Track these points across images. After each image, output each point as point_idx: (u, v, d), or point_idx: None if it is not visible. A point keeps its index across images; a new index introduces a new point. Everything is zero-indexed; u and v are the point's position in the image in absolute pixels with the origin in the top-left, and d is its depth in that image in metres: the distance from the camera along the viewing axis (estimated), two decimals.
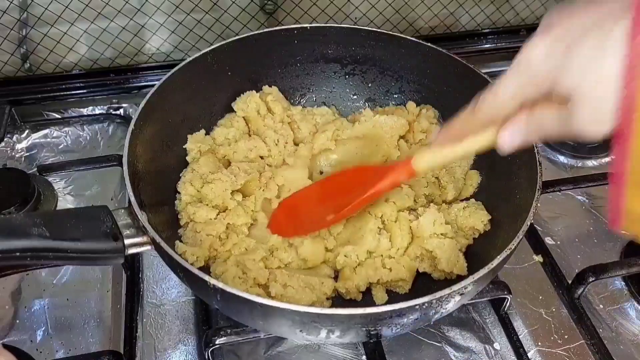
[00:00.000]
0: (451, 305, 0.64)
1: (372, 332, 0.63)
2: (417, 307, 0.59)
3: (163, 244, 0.63)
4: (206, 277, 0.60)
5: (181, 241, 0.79)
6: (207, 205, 0.81)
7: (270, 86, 0.97)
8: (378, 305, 0.58)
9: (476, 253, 0.80)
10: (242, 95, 0.94)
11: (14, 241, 0.57)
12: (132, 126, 0.75)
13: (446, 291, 0.60)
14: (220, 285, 0.59)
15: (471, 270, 0.75)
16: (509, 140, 0.55)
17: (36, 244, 0.58)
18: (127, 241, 0.64)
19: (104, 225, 0.63)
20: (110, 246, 0.63)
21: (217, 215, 0.81)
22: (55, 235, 0.59)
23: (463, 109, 0.58)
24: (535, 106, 0.51)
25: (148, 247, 0.65)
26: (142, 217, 0.65)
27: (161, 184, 0.82)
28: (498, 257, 0.64)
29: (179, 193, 0.84)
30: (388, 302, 0.76)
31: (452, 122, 0.60)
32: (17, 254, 0.57)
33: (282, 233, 0.81)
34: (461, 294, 0.63)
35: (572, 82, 0.45)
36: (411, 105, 0.97)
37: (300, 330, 0.62)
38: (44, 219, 0.60)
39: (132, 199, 0.67)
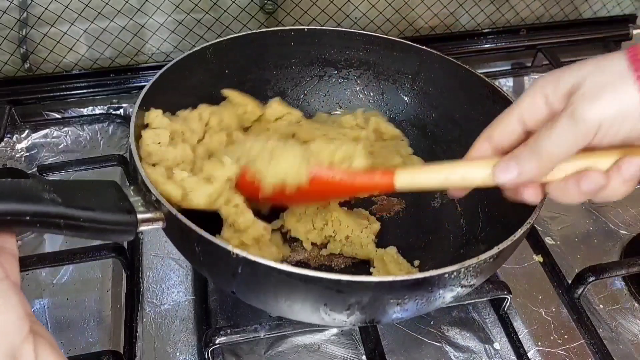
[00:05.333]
0: (474, 282, 0.64)
1: (398, 305, 0.61)
2: (447, 275, 0.58)
3: (180, 216, 0.61)
4: (229, 247, 0.57)
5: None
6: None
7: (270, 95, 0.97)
8: (408, 273, 0.58)
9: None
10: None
11: (24, 204, 0.52)
12: (134, 119, 0.73)
13: (473, 260, 0.59)
14: (243, 254, 0.56)
15: None
16: (502, 169, 0.55)
17: (48, 209, 0.54)
18: (139, 216, 0.62)
19: (116, 197, 0.61)
20: (124, 219, 0.60)
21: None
22: (67, 202, 0.55)
23: (459, 112, 0.59)
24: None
25: (159, 224, 0.63)
26: (155, 191, 0.63)
27: None
28: (519, 230, 0.63)
29: None
30: None
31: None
32: (28, 217, 0.53)
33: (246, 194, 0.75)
34: (481, 268, 0.62)
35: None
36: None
37: (325, 305, 0.60)
38: (54, 186, 0.56)
39: (143, 173, 0.65)
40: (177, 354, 0.77)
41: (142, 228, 0.63)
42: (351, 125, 0.92)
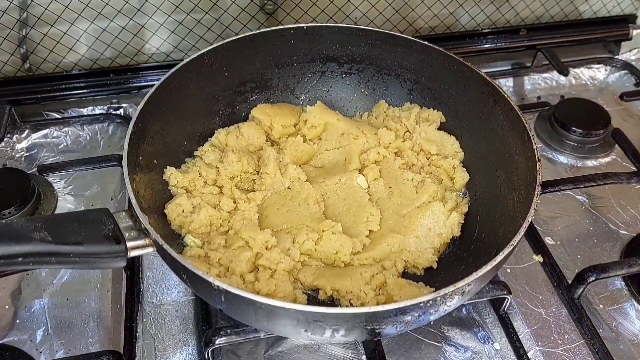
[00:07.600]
0: (454, 303, 0.64)
1: (376, 331, 0.63)
2: (422, 304, 0.59)
3: (166, 246, 0.63)
4: (210, 279, 0.60)
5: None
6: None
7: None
8: (382, 304, 0.59)
9: (477, 252, 0.80)
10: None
11: (17, 246, 0.57)
12: (131, 127, 0.75)
13: (450, 288, 0.60)
14: (224, 286, 0.59)
15: (472, 269, 0.75)
16: None
17: (38, 249, 0.58)
18: (129, 244, 0.64)
19: (106, 228, 0.63)
20: (113, 249, 0.63)
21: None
22: (57, 239, 0.59)
23: (462, 110, 0.58)
24: None
25: (150, 249, 0.65)
26: (144, 219, 0.65)
27: (160, 182, 0.83)
28: (500, 254, 0.64)
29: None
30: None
31: None
32: (20, 259, 0.57)
33: None
34: (463, 292, 0.63)
35: None
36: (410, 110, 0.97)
37: (305, 330, 0.62)
38: (45, 223, 0.60)
39: (133, 201, 0.66)
40: (178, 354, 0.77)
41: (132, 254, 0.65)
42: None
